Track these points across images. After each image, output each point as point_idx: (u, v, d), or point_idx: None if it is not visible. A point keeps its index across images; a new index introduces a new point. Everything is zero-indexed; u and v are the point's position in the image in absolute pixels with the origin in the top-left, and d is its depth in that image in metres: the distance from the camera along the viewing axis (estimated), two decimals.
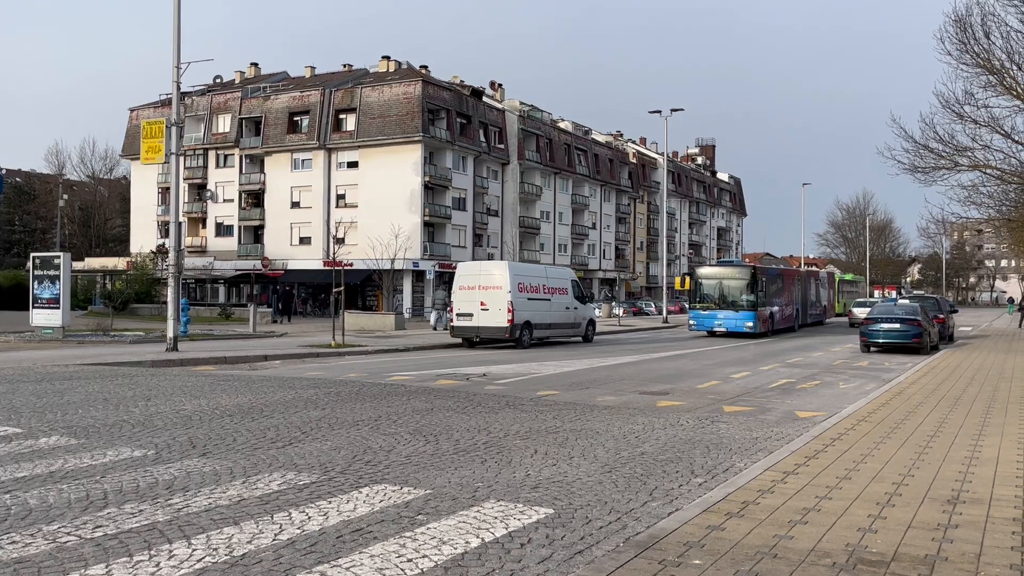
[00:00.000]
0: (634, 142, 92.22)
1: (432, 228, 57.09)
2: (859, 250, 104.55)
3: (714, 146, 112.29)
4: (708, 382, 15.55)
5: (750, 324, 30.65)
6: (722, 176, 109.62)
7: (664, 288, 52.88)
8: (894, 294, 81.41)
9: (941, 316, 28.54)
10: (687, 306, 33.38)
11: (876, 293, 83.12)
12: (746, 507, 5.80)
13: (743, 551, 4.82)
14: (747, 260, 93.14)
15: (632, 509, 6.13)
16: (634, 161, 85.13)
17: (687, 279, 33.32)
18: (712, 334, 31.74)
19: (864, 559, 4.70)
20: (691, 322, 32.46)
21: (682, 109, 47.09)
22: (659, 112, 45.20)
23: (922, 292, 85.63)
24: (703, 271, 33.75)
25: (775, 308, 33.70)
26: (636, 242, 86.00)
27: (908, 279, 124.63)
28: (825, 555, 4.76)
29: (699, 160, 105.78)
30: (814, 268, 49.73)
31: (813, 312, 41.44)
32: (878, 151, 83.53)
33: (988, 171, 27.72)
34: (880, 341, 23.88)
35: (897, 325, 23.71)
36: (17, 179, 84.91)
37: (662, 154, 49.68)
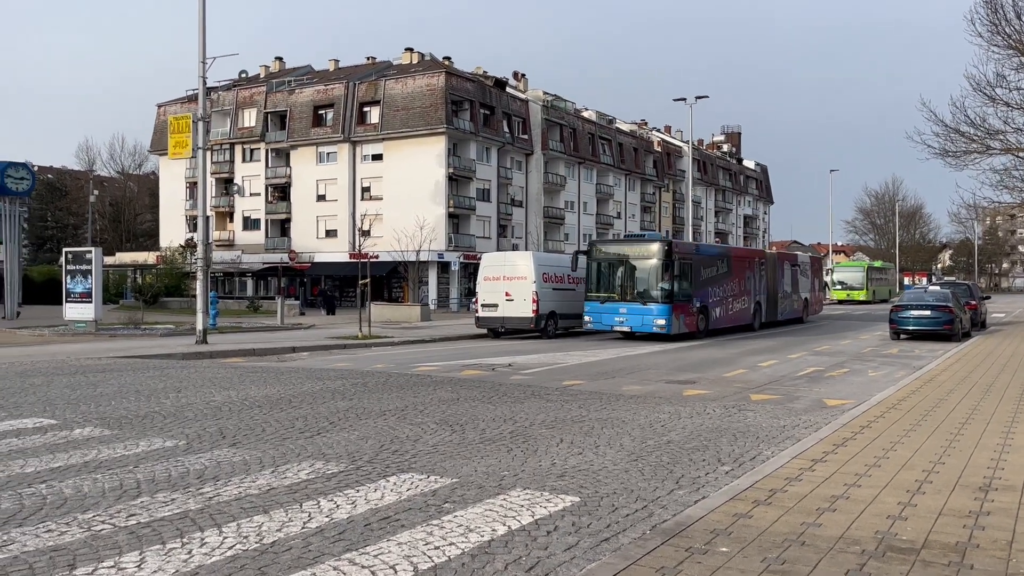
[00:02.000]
0: (659, 131, 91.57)
1: (457, 219, 57.16)
2: (888, 236, 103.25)
3: (740, 133, 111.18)
4: (735, 370, 15.46)
5: (661, 322, 22.60)
6: (748, 164, 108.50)
7: None
8: (924, 281, 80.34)
9: (973, 302, 28.13)
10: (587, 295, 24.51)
11: (906, 280, 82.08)
12: (773, 495, 5.78)
13: (771, 538, 4.80)
14: (773, 247, 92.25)
15: (658, 497, 6.13)
16: (659, 150, 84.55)
17: (579, 258, 24.92)
18: (631, 336, 23.90)
19: (894, 546, 4.66)
20: (587, 318, 24.14)
21: (707, 96, 46.68)
22: (684, 100, 44.68)
23: (953, 278, 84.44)
24: (602, 248, 24.97)
25: (712, 300, 25.35)
26: (662, 231, 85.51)
27: (939, 265, 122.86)
28: (854, 542, 4.73)
29: (725, 148, 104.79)
30: (794, 252, 42.38)
31: (787, 307, 31.85)
32: (907, 135, 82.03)
33: (1021, 154, 27.20)
34: (910, 328, 23.60)
35: (928, 312, 23.41)
36: (49, 176, 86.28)
37: (687, 142, 49.28)
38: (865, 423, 8.78)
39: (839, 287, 59.63)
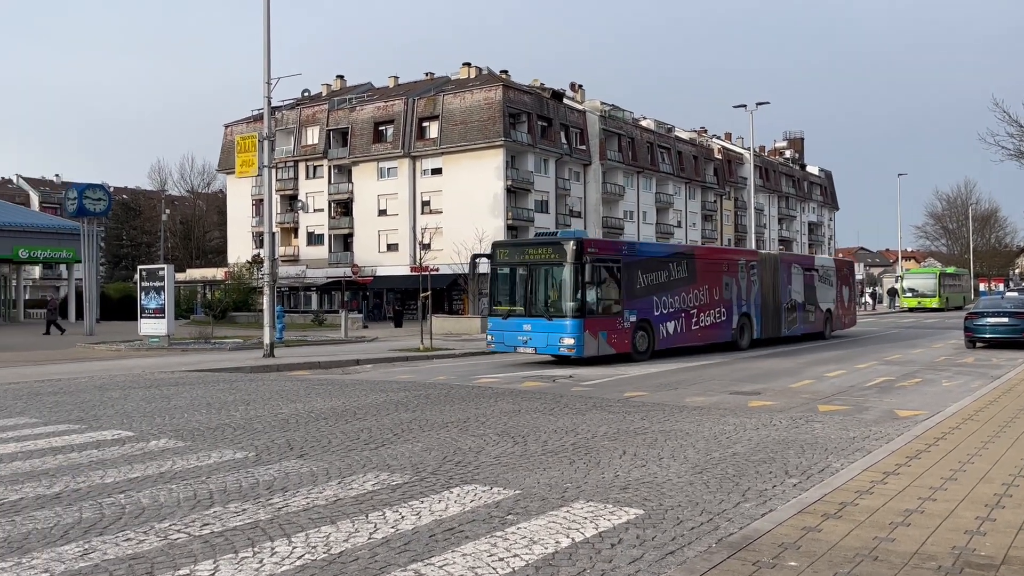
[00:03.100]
0: (719, 138, 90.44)
1: (515, 231, 57.35)
2: (962, 242, 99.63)
3: (802, 139, 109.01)
4: (801, 381, 15.13)
5: (569, 341, 18.10)
6: (812, 169, 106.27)
7: None
8: (1001, 287, 77.36)
9: None
10: (486, 310, 20.77)
11: (981, 286, 79.15)
12: (843, 508, 5.64)
13: (841, 553, 4.69)
14: (839, 254, 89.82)
15: (724, 510, 6.04)
16: (719, 157, 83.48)
17: (477, 263, 20.49)
18: (560, 360, 19.22)
19: (972, 562, 4.50)
20: (489, 337, 20.19)
21: (768, 102, 45.91)
22: (744, 106, 44.08)
23: None
24: (503, 250, 20.34)
25: (661, 312, 20.46)
26: (723, 240, 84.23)
27: (1017, 271, 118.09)
28: (930, 558, 4.59)
29: (787, 154, 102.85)
30: (825, 256, 38.06)
31: (797, 319, 26.21)
32: (980, 137, 79.42)
33: None
34: (987, 336, 22.77)
35: (1005, 319, 22.57)
36: (124, 196, 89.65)
37: (748, 149, 48.56)
38: (940, 434, 8.50)
39: (910, 294, 57.89)
